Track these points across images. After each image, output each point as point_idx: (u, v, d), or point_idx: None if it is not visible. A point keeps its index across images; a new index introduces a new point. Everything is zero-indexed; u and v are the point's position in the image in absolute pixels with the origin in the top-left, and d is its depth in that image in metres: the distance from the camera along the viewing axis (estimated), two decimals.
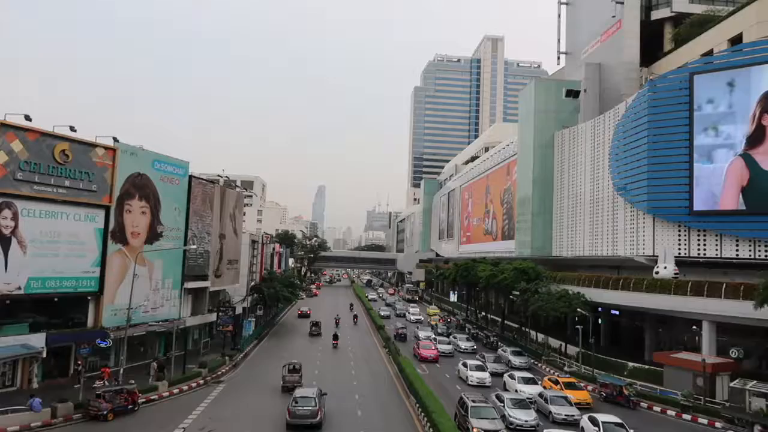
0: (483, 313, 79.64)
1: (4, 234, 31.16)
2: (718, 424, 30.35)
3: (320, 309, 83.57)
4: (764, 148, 39.61)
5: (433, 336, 57.18)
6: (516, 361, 45.80)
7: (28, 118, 32.11)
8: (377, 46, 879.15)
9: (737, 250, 40.37)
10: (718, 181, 41.68)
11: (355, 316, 76.00)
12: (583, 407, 31.94)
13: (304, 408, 27.02)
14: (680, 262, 42.67)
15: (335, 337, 55.00)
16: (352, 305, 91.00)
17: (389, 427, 28.87)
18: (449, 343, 54.04)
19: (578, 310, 45.17)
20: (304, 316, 75.85)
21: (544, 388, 35.27)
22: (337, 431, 27.59)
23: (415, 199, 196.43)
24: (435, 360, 47.56)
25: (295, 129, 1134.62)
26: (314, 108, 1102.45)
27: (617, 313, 51.46)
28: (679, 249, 43.65)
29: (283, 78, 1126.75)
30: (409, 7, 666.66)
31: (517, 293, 55.06)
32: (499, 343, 55.69)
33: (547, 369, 45.76)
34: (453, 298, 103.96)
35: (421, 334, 58.03)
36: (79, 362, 34.10)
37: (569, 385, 35.36)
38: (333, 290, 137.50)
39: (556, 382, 36.06)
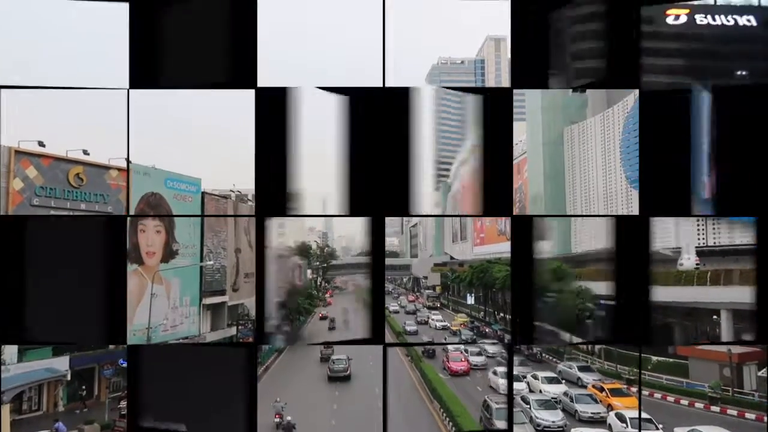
0: (501, 315, 79.07)
1: None
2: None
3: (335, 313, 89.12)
4: None
5: (464, 347, 53.35)
6: (589, 379, 38.94)
7: (41, 144, 32.47)
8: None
9: (745, 236, 39.65)
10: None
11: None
12: None
13: (339, 366, 41.51)
14: (698, 252, 42.11)
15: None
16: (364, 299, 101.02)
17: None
18: (480, 354, 49.32)
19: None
20: (323, 318, 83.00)
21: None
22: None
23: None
24: (466, 372, 44.44)
25: None
26: None
27: None
28: (698, 239, 43.05)
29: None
30: (407, 10, 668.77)
31: None
32: (543, 354, 53.96)
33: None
34: (470, 300, 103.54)
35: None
36: (83, 387, 34.46)
37: (615, 392, 33.54)
38: (346, 296, 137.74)
39: (601, 389, 34.26)
